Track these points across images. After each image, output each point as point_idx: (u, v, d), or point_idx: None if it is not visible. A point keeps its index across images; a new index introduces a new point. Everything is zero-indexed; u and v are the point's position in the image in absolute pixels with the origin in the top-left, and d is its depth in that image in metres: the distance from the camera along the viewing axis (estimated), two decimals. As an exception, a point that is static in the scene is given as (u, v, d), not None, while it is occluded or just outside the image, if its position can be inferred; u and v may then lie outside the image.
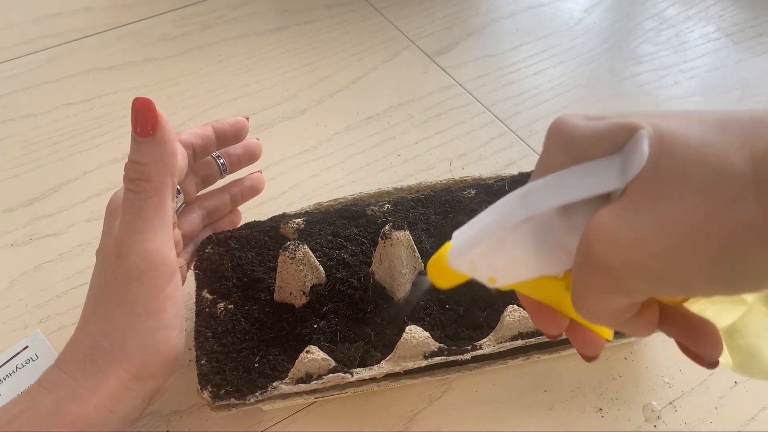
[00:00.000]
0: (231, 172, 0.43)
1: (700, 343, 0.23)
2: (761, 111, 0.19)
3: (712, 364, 0.24)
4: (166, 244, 0.31)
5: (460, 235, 0.24)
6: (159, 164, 0.30)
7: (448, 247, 0.25)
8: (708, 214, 0.18)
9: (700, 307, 0.24)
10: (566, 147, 0.22)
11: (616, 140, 0.20)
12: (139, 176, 0.30)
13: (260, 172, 0.44)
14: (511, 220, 0.22)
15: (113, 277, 0.30)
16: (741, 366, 0.26)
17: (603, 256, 0.19)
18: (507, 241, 0.23)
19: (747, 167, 0.17)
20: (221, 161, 0.41)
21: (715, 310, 0.24)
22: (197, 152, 0.39)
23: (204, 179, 0.41)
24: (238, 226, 0.43)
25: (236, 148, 0.42)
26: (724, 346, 0.24)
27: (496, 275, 0.24)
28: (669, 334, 0.24)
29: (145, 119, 0.29)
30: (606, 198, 0.21)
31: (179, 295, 0.32)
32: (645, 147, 0.19)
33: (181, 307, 0.32)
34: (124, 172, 0.31)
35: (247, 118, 0.41)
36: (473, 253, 0.24)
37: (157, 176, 0.30)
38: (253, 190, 0.44)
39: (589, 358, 0.28)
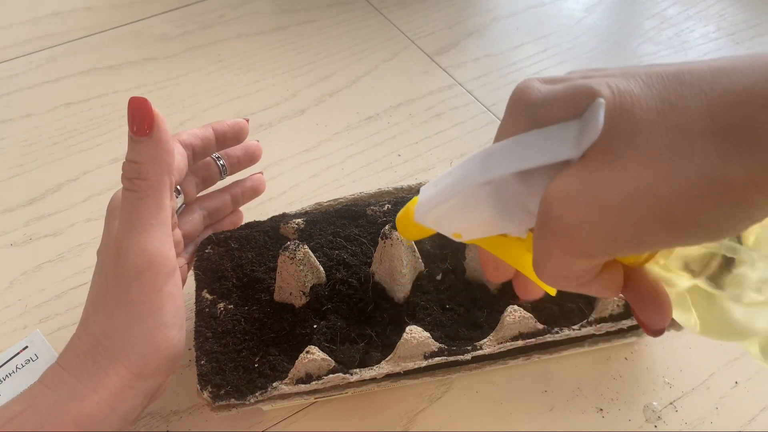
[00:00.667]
0: (231, 174, 0.43)
1: (648, 310, 0.24)
2: (719, 60, 0.19)
3: (655, 332, 0.24)
4: (165, 243, 0.31)
5: (425, 192, 0.25)
6: (156, 163, 0.30)
7: (415, 202, 0.26)
8: (665, 170, 0.18)
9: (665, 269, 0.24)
10: (526, 111, 0.22)
11: (574, 105, 0.20)
12: (137, 175, 0.30)
13: (261, 173, 0.45)
14: (472, 182, 0.22)
15: (113, 276, 0.30)
16: (705, 329, 0.26)
17: (561, 217, 0.20)
18: (469, 202, 0.23)
19: (705, 121, 0.17)
20: (221, 162, 0.41)
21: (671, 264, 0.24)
22: (197, 153, 0.39)
23: (204, 180, 0.41)
24: (240, 225, 0.43)
25: (236, 150, 0.42)
26: (693, 310, 0.24)
27: (461, 231, 0.25)
28: (627, 299, 0.25)
29: (141, 118, 0.30)
30: (565, 162, 0.21)
31: (179, 293, 0.32)
32: (600, 117, 0.19)
33: (181, 305, 0.32)
34: (122, 172, 0.31)
35: (247, 120, 0.41)
36: (437, 211, 0.24)
37: (154, 175, 0.30)
38: (254, 191, 0.44)
39: (528, 302, 0.29)
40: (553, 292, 0.27)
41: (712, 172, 0.17)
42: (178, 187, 0.39)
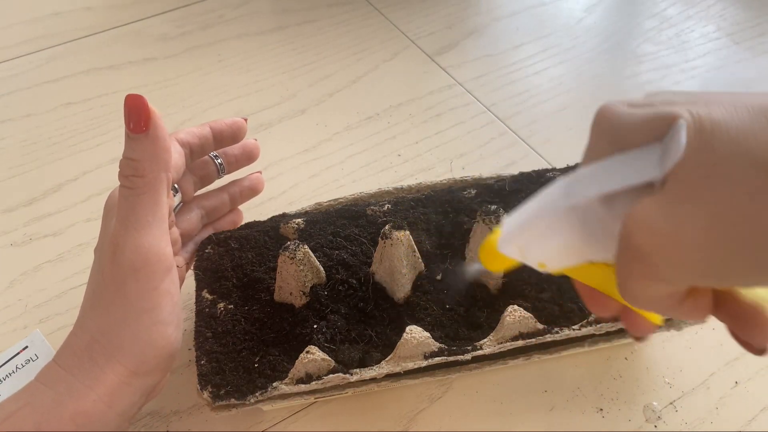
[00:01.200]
0: (229, 172, 0.43)
1: (749, 330, 0.23)
2: None
3: (760, 351, 0.24)
4: (162, 240, 0.31)
5: (509, 222, 0.25)
6: (153, 160, 0.30)
7: (498, 233, 0.26)
8: (748, 206, 0.18)
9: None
10: (609, 135, 0.22)
11: (656, 130, 0.20)
12: (134, 173, 0.30)
13: (260, 172, 0.44)
14: (556, 208, 0.23)
15: (109, 273, 0.30)
16: None
17: (641, 244, 0.20)
18: (553, 228, 0.23)
19: None
20: (219, 161, 0.41)
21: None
22: (194, 151, 0.39)
23: (202, 179, 0.41)
24: (240, 225, 0.43)
25: (234, 149, 0.42)
26: None
27: (545, 261, 0.25)
28: (720, 320, 0.24)
29: (138, 116, 0.30)
30: (649, 188, 0.21)
31: (175, 291, 0.32)
32: (683, 138, 0.19)
33: (178, 303, 0.32)
34: (119, 169, 0.31)
35: (246, 119, 0.41)
36: (521, 240, 0.24)
37: (151, 172, 0.30)
38: (253, 191, 0.44)
39: (638, 339, 0.28)
40: (659, 320, 0.27)
41: None
42: (176, 185, 0.39)
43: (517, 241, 0.25)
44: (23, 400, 0.29)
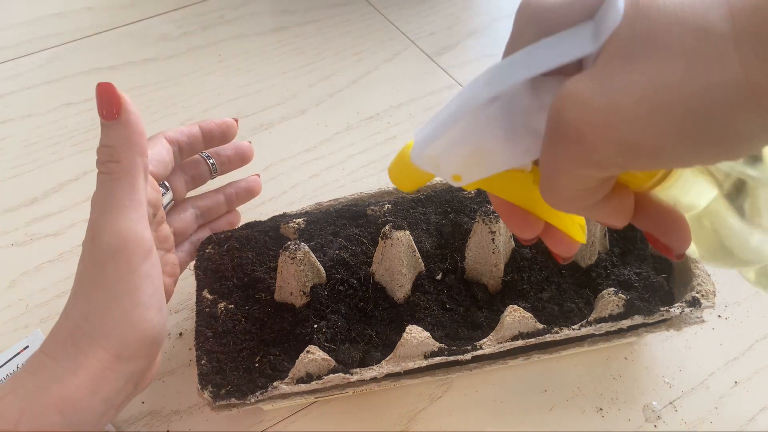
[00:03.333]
0: (222, 173, 0.43)
1: (669, 234, 0.23)
2: None
3: (679, 255, 0.23)
4: (140, 223, 0.31)
5: (422, 130, 0.23)
6: (127, 145, 0.31)
7: (410, 146, 0.24)
8: (685, 76, 0.17)
9: (670, 192, 0.24)
10: (535, 21, 0.21)
11: (588, 5, 0.19)
12: (109, 158, 0.31)
13: (258, 175, 0.45)
14: (477, 100, 0.21)
15: (89, 258, 0.31)
16: (708, 255, 0.25)
17: (574, 122, 0.18)
18: (473, 128, 0.21)
19: (726, 25, 0.17)
20: (211, 161, 0.42)
21: (682, 187, 0.23)
22: (183, 149, 0.39)
23: (194, 178, 0.41)
24: (237, 226, 0.44)
25: (227, 149, 0.42)
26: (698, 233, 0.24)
27: (461, 171, 0.23)
28: (639, 225, 0.24)
29: (108, 103, 0.30)
30: (579, 68, 0.20)
31: (156, 275, 0.32)
32: (620, 4, 0.18)
33: (159, 286, 0.32)
34: (96, 158, 0.31)
35: (236, 120, 0.42)
36: (437, 145, 0.22)
37: (125, 157, 0.31)
38: (249, 192, 0.44)
39: (563, 259, 0.27)
40: (582, 238, 0.26)
41: (734, 79, 0.16)
42: (166, 183, 0.39)
43: (431, 151, 0.22)
44: (8, 387, 0.29)
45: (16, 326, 0.44)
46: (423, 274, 0.40)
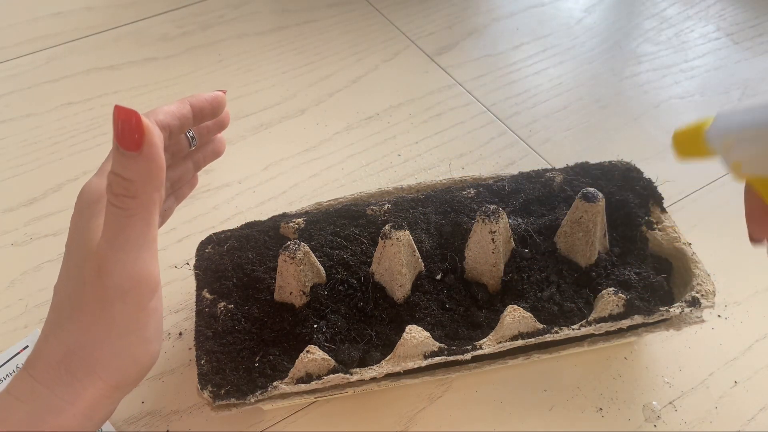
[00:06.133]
0: (200, 145, 0.40)
1: None
2: None
3: None
4: (152, 263, 0.29)
5: (729, 112, 0.24)
6: (146, 181, 0.28)
7: (706, 122, 0.25)
8: None
9: None
10: None
11: None
12: (125, 192, 0.28)
13: (223, 91, 0.39)
14: None
15: (93, 293, 0.29)
16: None
17: None
18: None
19: None
20: (190, 134, 0.39)
21: None
22: (173, 133, 0.36)
23: (173, 155, 0.39)
24: (195, 187, 0.41)
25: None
26: None
27: (747, 161, 0.24)
28: None
29: (130, 132, 0.27)
30: None
31: (161, 306, 0.31)
32: None
33: (161, 317, 0.31)
34: (107, 182, 0.28)
35: (224, 91, 0.38)
36: (735, 134, 0.24)
37: (143, 193, 0.28)
38: (215, 153, 0.41)
39: None
40: None
41: None
42: None
43: (733, 133, 0.24)
44: None
45: (16, 326, 0.44)
46: (423, 273, 0.40)
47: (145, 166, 0.27)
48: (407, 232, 0.37)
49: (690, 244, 0.41)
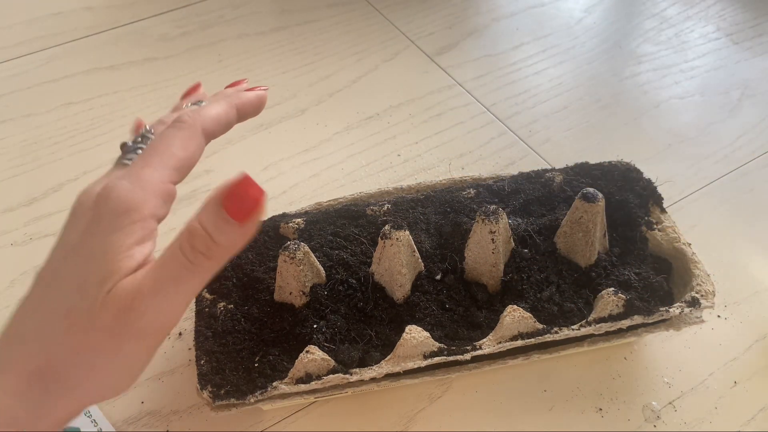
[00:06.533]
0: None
1: None
2: None
3: None
4: (182, 314, 0.28)
5: None
6: (230, 250, 0.26)
7: None
8: None
9: None
10: None
11: None
12: (206, 251, 0.26)
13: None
14: None
15: (107, 320, 0.26)
16: None
17: None
18: None
19: None
20: None
21: None
22: (216, 135, 0.34)
23: None
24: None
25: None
26: None
27: None
28: None
29: (248, 205, 0.25)
30: None
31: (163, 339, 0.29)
32: None
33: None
34: (186, 230, 0.26)
35: (267, 89, 0.37)
36: None
37: (221, 259, 0.26)
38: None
39: None
40: None
41: None
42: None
43: None
44: None
45: (16, 326, 0.44)
46: (422, 274, 0.40)
47: (239, 237, 0.26)
48: (407, 232, 0.37)
49: (690, 244, 0.41)
